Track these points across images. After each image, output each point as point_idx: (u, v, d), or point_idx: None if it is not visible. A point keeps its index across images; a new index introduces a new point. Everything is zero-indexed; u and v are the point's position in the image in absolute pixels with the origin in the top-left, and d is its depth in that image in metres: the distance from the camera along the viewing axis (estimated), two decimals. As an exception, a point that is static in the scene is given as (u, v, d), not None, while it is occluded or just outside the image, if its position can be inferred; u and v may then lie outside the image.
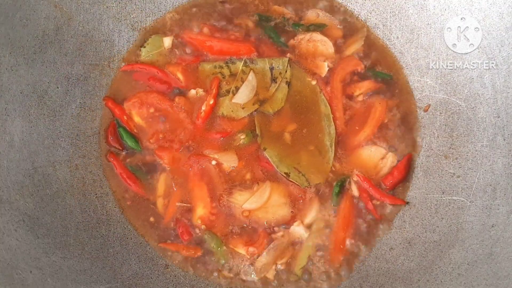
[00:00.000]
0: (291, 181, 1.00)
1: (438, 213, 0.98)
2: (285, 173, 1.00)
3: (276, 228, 0.99)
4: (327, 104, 1.03)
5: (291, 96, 1.05)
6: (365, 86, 1.05)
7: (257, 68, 1.04)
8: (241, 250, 0.98)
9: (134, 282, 0.96)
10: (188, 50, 1.08)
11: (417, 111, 1.05)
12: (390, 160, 1.02)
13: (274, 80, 1.04)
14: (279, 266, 0.98)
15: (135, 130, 1.05)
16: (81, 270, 0.93)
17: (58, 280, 0.90)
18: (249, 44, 1.07)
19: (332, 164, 1.02)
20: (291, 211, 1.00)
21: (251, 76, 1.03)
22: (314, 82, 1.05)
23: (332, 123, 1.03)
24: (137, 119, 1.05)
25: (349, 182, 1.01)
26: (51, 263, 0.91)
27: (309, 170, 1.01)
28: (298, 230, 0.98)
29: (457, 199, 0.97)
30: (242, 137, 1.02)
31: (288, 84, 1.04)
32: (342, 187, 1.00)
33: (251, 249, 0.98)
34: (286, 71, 1.04)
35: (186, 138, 1.03)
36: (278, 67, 1.04)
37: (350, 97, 1.05)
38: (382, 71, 1.07)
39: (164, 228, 1.00)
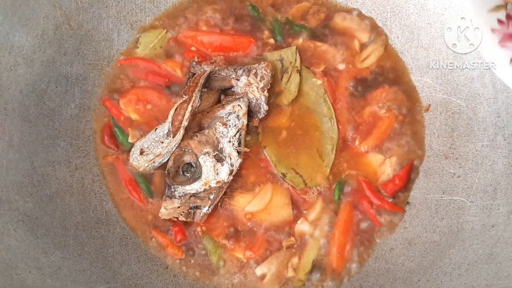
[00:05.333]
0: (287, 182, 1.00)
1: (438, 213, 0.98)
2: (282, 173, 1.00)
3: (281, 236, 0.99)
4: (331, 107, 1.03)
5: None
6: (379, 94, 1.05)
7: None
8: (239, 254, 0.97)
9: (134, 283, 0.96)
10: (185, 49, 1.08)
11: (421, 113, 1.05)
12: (389, 166, 1.01)
13: (285, 71, 1.04)
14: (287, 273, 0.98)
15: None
16: (81, 270, 0.93)
17: (58, 280, 0.90)
18: (250, 37, 1.07)
19: (331, 168, 1.01)
20: (294, 212, 0.99)
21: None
22: (319, 82, 1.04)
23: (335, 126, 1.02)
24: (133, 115, 1.04)
25: (349, 180, 1.01)
26: (50, 263, 0.91)
27: (307, 172, 1.00)
28: (302, 227, 0.98)
29: (458, 199, 0.97)
30: (247, 138, 1.02)
31: (299, 72, 1.04)
32: (342, 190, 1.00)
33: (247, 253, 0.97)
34: (296, 60, 1.04)
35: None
36: (287, 57, 1.04)
37: (361, 103, 1.05)
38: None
39: (163, 227, 1.00)
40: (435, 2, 1.03)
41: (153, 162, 0.98)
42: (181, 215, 0.95)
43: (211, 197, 0.96)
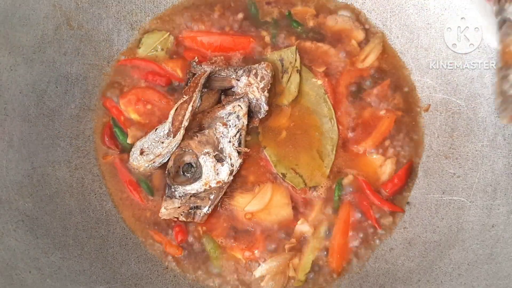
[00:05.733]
0: (286, 182, 1.00)
1: (438, 213, 0.98)
2: (282, 173, 1.00)
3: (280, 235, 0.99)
4: (331, 107, 1.03)
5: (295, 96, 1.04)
6: (379, 95, 1.04)
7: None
8: (238, 254, 0.97)
9: (134, 283, 0.96)
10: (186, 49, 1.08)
11: (420, 114, 1.04)
12: (389, 167, 1.01)
13: (285, 71, 1.04)
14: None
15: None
16: (80, 271, 0.93)
17: (57, 281, 0.90)
18: (249, 37, 1.07)
19: (331, 168, 1.01)
20: (294, 212, 0.99)
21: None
22: (319, 82, 1.04)
23: (336, 127, 1.02)
24: (134, 116, 1.04)
25: (349, 180, 1.01)
26: (50, 263, 0.91)
27: (307, 172, 1.00)
28: (302, 227, 0.98)
29: (458, 199, 0.97)
30: (247, 138, 1.02)
31: (299, 72, 1.04)
32: (341, 190, 1.00)
33: (247, 253, 0.97)
34: (296, 60, 1.04)
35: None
36: (287, 57, 1.04)
37: (361, 103, 1.05)
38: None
39: (163, 228, 1.00)
40: (435, 2, 1.03)
41: (153, 162, 0.98)
42: (181, 215, 0.95)
43: (211, 197, 0.96)
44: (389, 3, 1.07)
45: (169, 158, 0.97)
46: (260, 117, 1.01)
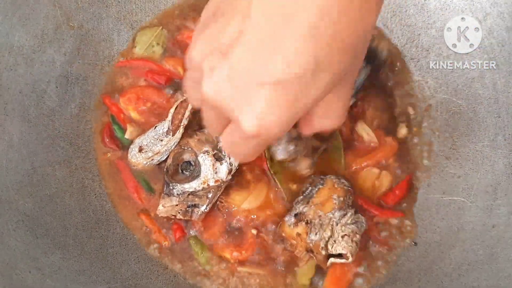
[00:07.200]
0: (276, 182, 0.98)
1: (438, 214, 0.98)
2: (274, 172, 0.98)
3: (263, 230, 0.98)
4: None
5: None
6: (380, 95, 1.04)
7: None
8: (227, 254, 0.96)
9: (134, 283, 0.95)
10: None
11: (422, 114, 1.04)
12: (386, 178, 1.00)
13: None
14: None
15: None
16: (81, 270, 0.93)
17: (58, 281, 0.89)
18: None
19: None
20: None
21: None
22: None
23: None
24: (134, 114, 1.04)
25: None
26: (50, 263, 0.91)
27: None
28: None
29: (458, 199, 0.97)
30: None
31: None
32: None
33: (235, 253, 0.96)
34: None
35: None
36: None
37: (365, 106, 1.04)
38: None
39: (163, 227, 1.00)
40: (435, 2, 1.03)
41: (152, 159, 0.98)
42: (179, 213, 0.95)
43: (209, 195, 0.95)
44: (389, 3, 1.07)
45: (168, 156, 0.97)
46: None
